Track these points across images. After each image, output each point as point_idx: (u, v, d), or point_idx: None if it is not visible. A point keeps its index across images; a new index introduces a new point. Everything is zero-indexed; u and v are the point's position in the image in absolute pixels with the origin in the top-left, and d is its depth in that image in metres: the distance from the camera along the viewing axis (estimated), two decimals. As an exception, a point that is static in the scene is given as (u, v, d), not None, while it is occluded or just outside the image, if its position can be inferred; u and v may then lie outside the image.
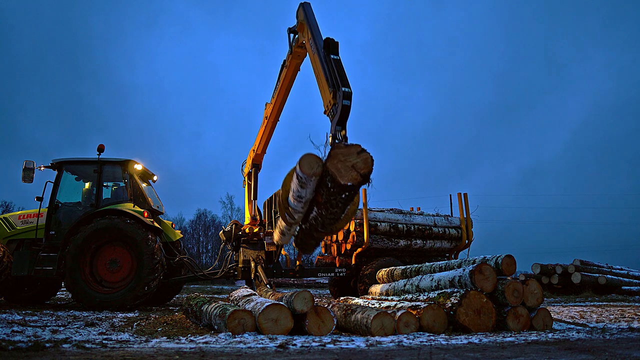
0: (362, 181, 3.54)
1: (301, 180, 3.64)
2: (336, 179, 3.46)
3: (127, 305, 6.95)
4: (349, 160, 3.52)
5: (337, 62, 5.14)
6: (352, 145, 3.59)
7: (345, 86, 4.77)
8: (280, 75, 7.54)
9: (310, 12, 6.10)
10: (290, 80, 7.42)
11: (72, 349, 2.86)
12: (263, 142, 8.70)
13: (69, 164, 7.99)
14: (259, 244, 8.50)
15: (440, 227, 10.20)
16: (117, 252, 7.27)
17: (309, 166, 3.57)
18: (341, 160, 3.52)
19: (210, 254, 43.30)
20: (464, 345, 3.20)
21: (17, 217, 7.89)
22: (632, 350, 3.01)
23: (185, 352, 2.82)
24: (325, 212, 3.81)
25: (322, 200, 3.72)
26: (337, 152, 3.52)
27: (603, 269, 14.99)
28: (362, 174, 3.52)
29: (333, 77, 4.98)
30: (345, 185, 3.47)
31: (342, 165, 3.51)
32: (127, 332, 4.10)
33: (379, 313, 3.90)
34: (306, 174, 3.55)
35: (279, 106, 7.91)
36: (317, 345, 3.17)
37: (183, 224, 43.91)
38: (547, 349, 3.00)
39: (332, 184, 3.50)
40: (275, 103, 7.85)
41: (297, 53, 6.81)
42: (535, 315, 4.34)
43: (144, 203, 7.94)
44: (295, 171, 3.70)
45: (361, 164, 3.54)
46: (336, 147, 3.55)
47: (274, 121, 8.22)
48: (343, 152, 3.54)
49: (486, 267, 4.38)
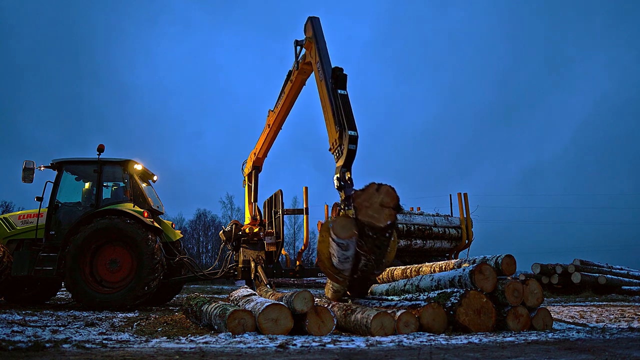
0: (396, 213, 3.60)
1: (342, 245, 3.68)
2: (375, 225, 3.51)
3: (127, 305, 6.95)
4: (374, 202, 3.58)
5: (344, 99, 5.11)
6: (368, 187, 3.64)
7: (352, 129, 4.78)
8: (285, 87, 7.43)
9: (319, 30, 6.01)
10: (295, 94, 7.35)
11: (72, 349, 2.86)
12: (265, 147, 8.65)
13: (69, 164, 7.99)
14: (259, 244, 8.50)
15: (440, 227, 10.20)
16: (117, 252, 7.28)
17: (344, 230, 3.61)
18: (368, 206, 3.57)
19: (210, 254, 43.30)
20: (464, 345, 3.20)
21: (17, 217, 7.89)
22: (632, 350, 3.01)
23: (185, 352, 2.82)
24: (375, 255, 3.87)
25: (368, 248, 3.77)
26: (361, 202, 3.57)
27: (603, 268, 14.99)
28: (393, 206, 3.57)
29: (340, 116, 4.96)
30: (386, 226, 3.53)
31: (372, 210, 3.57)
32: (127, 332, 4.10)
33: (378, 313, 3.90)
34: (345, 238, 3.59)
35: (282, 117, 7.85)
36: (317, 345, 3.17)
37: (183, 224, 43.89)
38: (547, 349, 3.00)
39: (373, 232, 3.55)
40: (279, 113, 7.77)
41: (304, 69, 6.71)
42: (535, 315, 4.34)
43: (144, 203, 7.94)
44: (332, 238, 3.72)
45: (387, 198, 3.60)
46: (356, 198, 3.58)
47: (277, 130, 8.19)
48: (365, 198, 3.59)
49: (486, 267, 4.38)
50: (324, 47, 5.83)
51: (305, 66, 6.61)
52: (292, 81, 7.10)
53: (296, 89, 7.21)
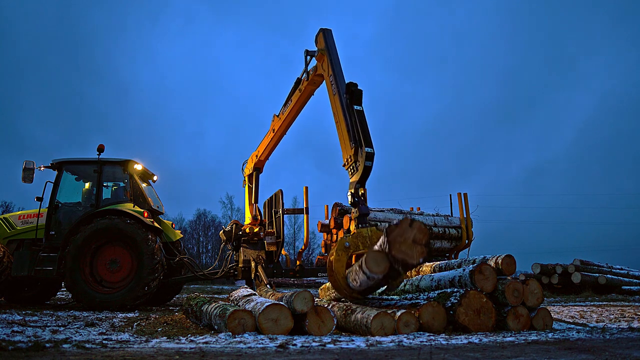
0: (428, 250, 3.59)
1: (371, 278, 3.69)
2: (408, 262, 3.50)
3: (127, 306, 6.95)
4: (407, 237, 3.55)
5: (360, 115, 5.05)
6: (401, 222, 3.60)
7: (368, 146, 4.75)
8: (293, 95, 7.29)
9: (332, 43, 5.94)
10: (303, 103, 7.26)
11: (72, 349, 2.86)
12: (267, 151, 8.60)
13: (69, 164, 7.99)
14: (259, 243, 8.49)
15: (440, 227, 10.21)
16: (117, 252, 7.28)
17: (377, 265, 3.59)
18: (402, 242, 3.54)
19: (210, 254, 43.30)
20: (464, 345, 3.20)
21: (17, 217, 7.90)
22: (632, 350, 3.01)
23: (185, 352, 2.82)
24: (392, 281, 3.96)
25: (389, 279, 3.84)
26: (395, 236, 3.54)
27: (603, 268, 14.99)
28: (425, 243, 3.56)
29: (356, 132, 4.91)
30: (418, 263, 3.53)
31: (405, 247, 3.54)
32: (127, 332, 4.10)
33: (378, 313, 3.90)
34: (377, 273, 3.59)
35: (288, 123, 7.78)
36: (317, 345, 3.17)
37: (183, 224, 43.90)
38: (547, 349, 3.00)
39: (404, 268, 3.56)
40: (285, 120, 7.68)
41: (314, 81, 6.60)
42: (535, 315, 4.34)
43: (144, 203, 7.94)
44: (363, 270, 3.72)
45: (419, 235, 3.58)
46: (391, 232, 3.54)
47: (281, 135, 8.13)
48: (399, 233, 3.57)
49: (486, 267, 4.38)
50: (337, 60, 5.75)
51: (317, 78, 6.49)
52: (300, 90, 6.96)
53: (304, 98, 7.11)
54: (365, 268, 3.65)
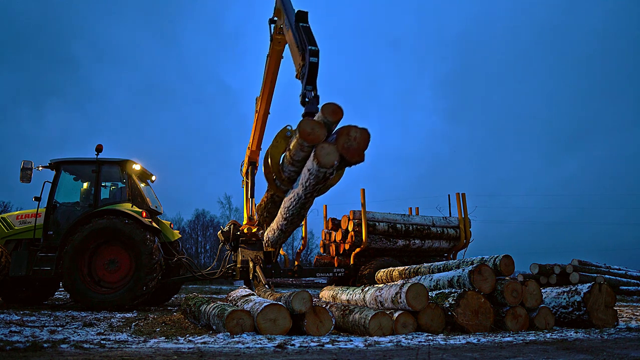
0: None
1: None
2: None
3: (126, 306, 6.94)
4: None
5: (305, 29, 4.99)
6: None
7: (311, 44, 4.63)
8: (265, 66, 7.56)
9: None
10: (274, 69, 7.40)
11: (70, 349, 2.86)
12: (257, 137, 8.83)
13: (67, 164, 7.97)
14: (257, 244, 8.49)
15: (438, 227, 10.22)
16: (115, 252, 7.25)
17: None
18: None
19: (208, 254, 43.23)
20: (463, 345, 3.20)
21: (15, 217, 7.87)
22: (629, 350, 3.02)
23: (183, 352, 2.82)
24: None
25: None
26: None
27: (601, 269, 15.02)
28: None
29: (302, 40, 4.85)
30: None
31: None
32: (125, 332, 4.10)
33: (376, 313, 3.90)
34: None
35: (267, 98, 8.02)
36: (315, 345, 3.17)
37: (181, 224, 43.86)
38: (545, 349, 3.01)
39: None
40: (263, 95, 7.96)
41: (277, 40, 6.68)
42: (537, 315, 4.35)
43: (142, 203, 7.93)
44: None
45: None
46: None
47: (264, 114, 8.35)
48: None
49: (485, 268, 4.39)
50: (290, 5, 5.69)
51: (279, 36, 6.52)
52: (269, 56, 7.13)
53: (274, 63, 7.24)
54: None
